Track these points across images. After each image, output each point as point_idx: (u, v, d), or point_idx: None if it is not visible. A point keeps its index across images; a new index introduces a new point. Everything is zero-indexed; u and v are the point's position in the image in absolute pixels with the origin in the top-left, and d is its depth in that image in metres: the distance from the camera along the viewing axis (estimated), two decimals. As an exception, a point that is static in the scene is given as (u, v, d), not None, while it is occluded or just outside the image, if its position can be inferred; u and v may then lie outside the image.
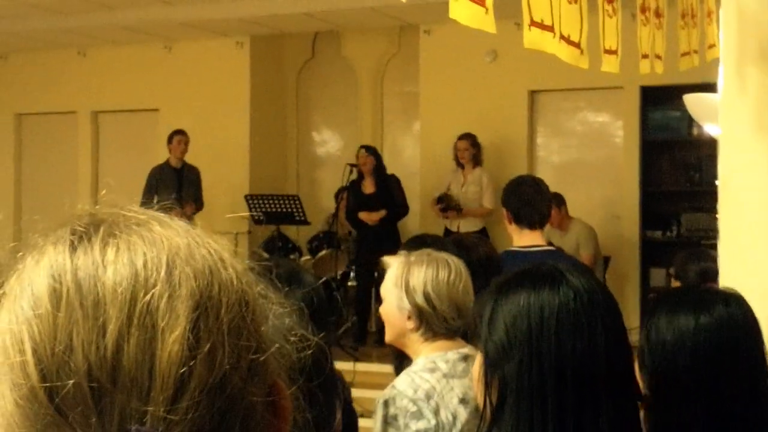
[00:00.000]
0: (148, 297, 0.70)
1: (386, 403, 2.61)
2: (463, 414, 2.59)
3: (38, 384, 0.69)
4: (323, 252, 9.49)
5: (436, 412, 2.60)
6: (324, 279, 2.51)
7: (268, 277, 0.82)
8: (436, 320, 2.70)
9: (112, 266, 0.71)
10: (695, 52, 5.09)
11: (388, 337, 2.83)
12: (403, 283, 2.73)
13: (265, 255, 7.95)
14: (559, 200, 8.44)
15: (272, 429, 0.76)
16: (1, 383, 0.71)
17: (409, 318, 2.73)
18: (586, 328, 1.62)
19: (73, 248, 0.73)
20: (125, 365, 0.69)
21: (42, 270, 0.72)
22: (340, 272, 9.23)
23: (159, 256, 0.72)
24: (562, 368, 1.59)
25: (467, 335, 2.70)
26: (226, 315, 0.72)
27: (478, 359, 1.70)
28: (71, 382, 0.68)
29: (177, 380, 0.69)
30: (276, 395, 0.76)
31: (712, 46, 4.88)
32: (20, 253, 0.75)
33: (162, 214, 0.78)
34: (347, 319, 9.03)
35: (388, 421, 2.60)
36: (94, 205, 0.78)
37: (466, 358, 2.68)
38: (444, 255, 2.80)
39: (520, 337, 1.62)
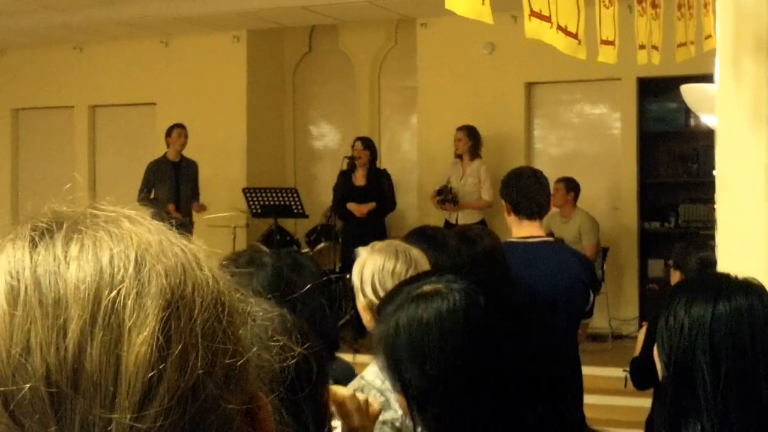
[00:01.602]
0: (113, 294, 0.65)
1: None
2: None
3: None
4: (321, 245, 9.50)
5: None
6: (326, 277, 2.45)
7: (249, 283, 0.78)
8: None
9: (75, 262, 0.66)
10: (692, 43, 5.10)
11: (368, 328, 2.84)
12: (359, 275, 2.72)
13: (264, 248, 7.95)
14: (570, 185, 8.53)
15: None
16: None
17: (365, 310, 2.73)
18: (493, 347, 1.55)
19: (34, 245, 0.68)
20: (88, 368, 0.63)
21: None
22: (338, 265, 9.24)
23: (126, 252, 0.67)
24: (479, 399, 1.54)
25: None
26: (200, 315, 0.67)
27: (400, 400, 1.62)
28: (27, 386, 0.62)
29: (145, 385, 0.64)
30: (255, 406, 0.71)
31: (708, 36, 4.89)
32: None
33: (134, 212, 0.72)
34: (346, 311, 9.04)
35: None
36: (60, 203, 0.73)
37: None
38: (403, 246, 2.74)
39: (434, 386, 1.54)
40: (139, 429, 0.63)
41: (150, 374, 0.64)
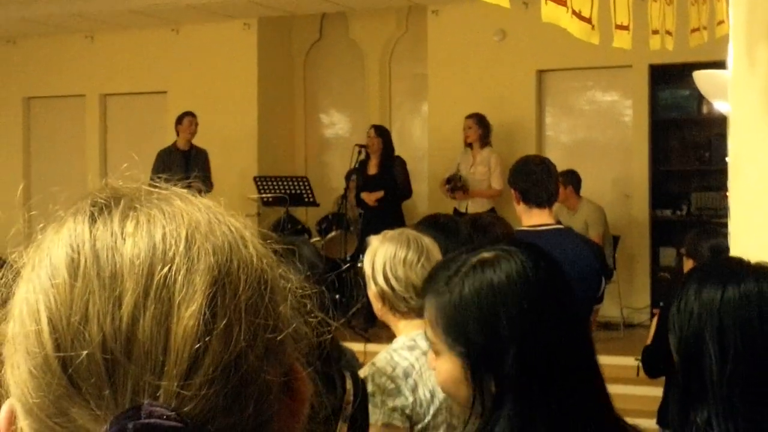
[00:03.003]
0: (165, 270, 0.70)
1: (364, 381, 2.62)
2: (441, 391, 2.58)
3: (52, 353, 0.69)
4: (332, 233, 9.50)
5: (414, 390, 2.59)
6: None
7: (290, 259, 0.81)
8: (395, 300, 2.70)
9: (131, 238, 0.71)
10: (704, 28, 5.06)
11: (378, 316, 2.86)
12: (371, 264, 2.74)
13: (274, 235, 7.95)
14: (566, 179, 8.37)
15: (289, 411, 0.75)
16: (17, 352, 0.71)
17: (376, 298, 2.74)
18: (556, 309, 1.62)
19: (93, 220, 0.73)
20: (140, 338, 0.68)
21: (61, 240, 0.73)
22: (349, 254, 9.24)
23: (178, 230, 0.72)
24: (548, 356, 1.58)
25: None
26: (244, 292, 0.72)
27: (451, 361, 1.63)
28: (85, 352, 0.68)
29: (191, 355, 0.68)
30: (293, 377, 0.75)
31: (721, 22, 4.85)
32: (41, 225, 0.76)
33: (184, 191, 0.78)
34: (357, 300, 9.05)
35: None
36: (117, 179, 0.79)
37: None
38: (415, 234, 2.77)
39: (506, 333, 1.58)
40: (184, 396, 0.68)
41: (196, 346, 0.68)
